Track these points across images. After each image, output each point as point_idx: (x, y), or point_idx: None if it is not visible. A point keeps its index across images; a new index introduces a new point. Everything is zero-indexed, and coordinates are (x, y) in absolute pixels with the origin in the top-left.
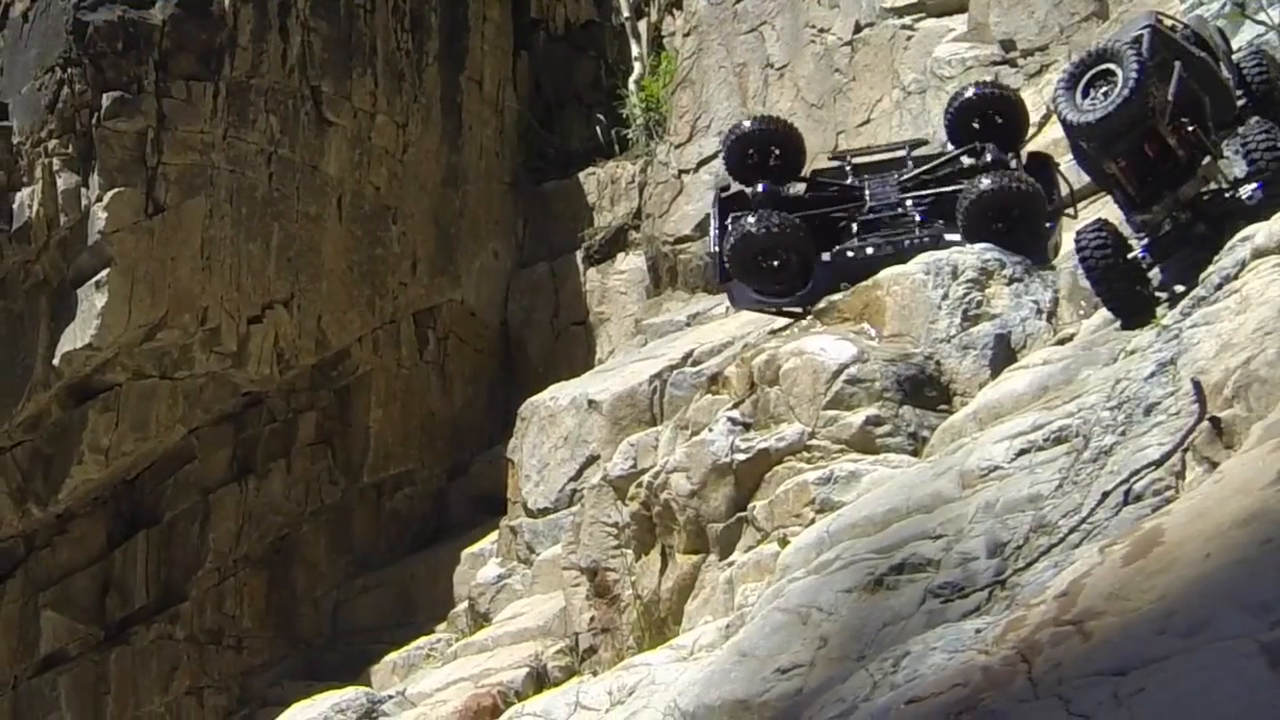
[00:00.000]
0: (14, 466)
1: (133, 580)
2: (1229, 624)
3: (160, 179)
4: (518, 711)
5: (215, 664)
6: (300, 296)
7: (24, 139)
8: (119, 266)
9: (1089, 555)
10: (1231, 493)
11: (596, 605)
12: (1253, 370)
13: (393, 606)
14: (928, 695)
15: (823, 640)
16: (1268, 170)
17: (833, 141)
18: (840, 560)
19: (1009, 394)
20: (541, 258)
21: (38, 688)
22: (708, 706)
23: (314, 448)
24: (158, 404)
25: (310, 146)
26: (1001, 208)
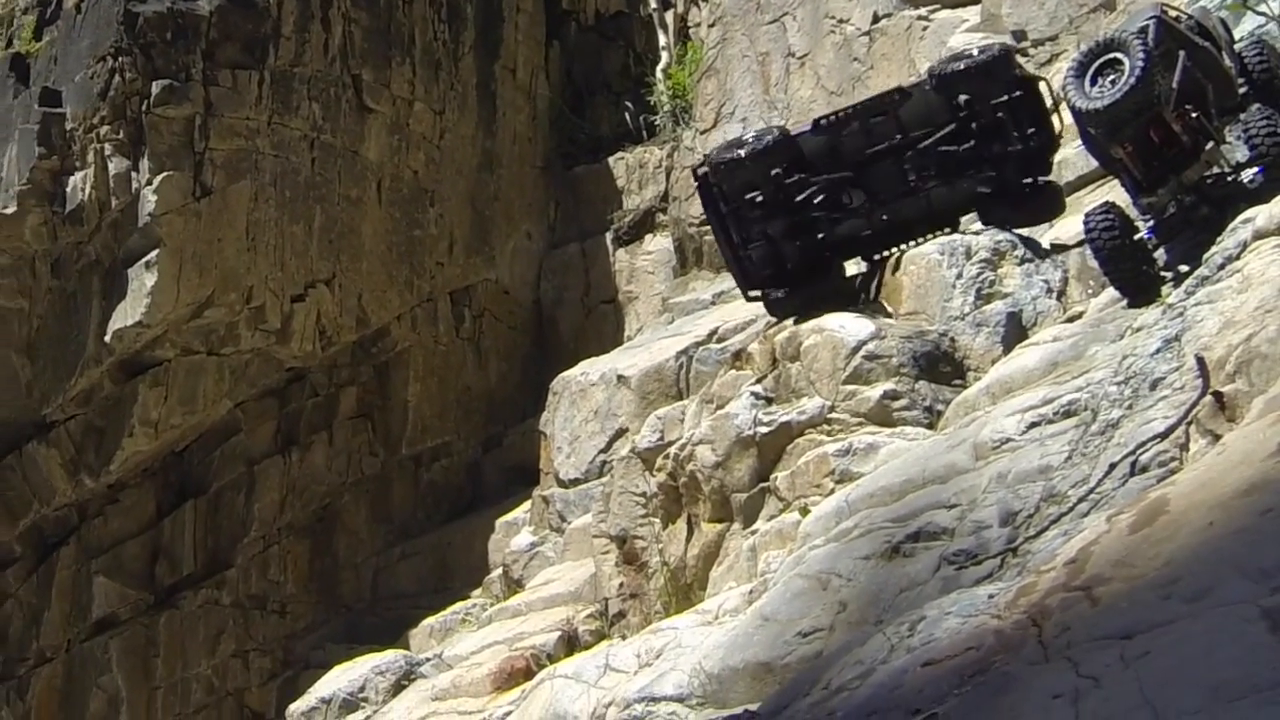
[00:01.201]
0: (67, 439)
1: (181, 548)
2: (1231, 590)
3: (207, 163)
4: (550, 673)
5: (260, 628)
6: (341, 276)
7: (77, 125)
8: (168, 247)
9: (1097, 524)
10: (1234, 464)
11: (625, 572)
12: (1254, 346)
13: (430, 573)
14: (943, 658)
15: (842, 605)
16: (1268, 155)
17: None
18: (859, 529)
19: (1020, 369)
20: (572, 239)
21: (90, 651)
22: (732, 669)
23: (355, 421)
24: (205, 379)
25: (351, 132)
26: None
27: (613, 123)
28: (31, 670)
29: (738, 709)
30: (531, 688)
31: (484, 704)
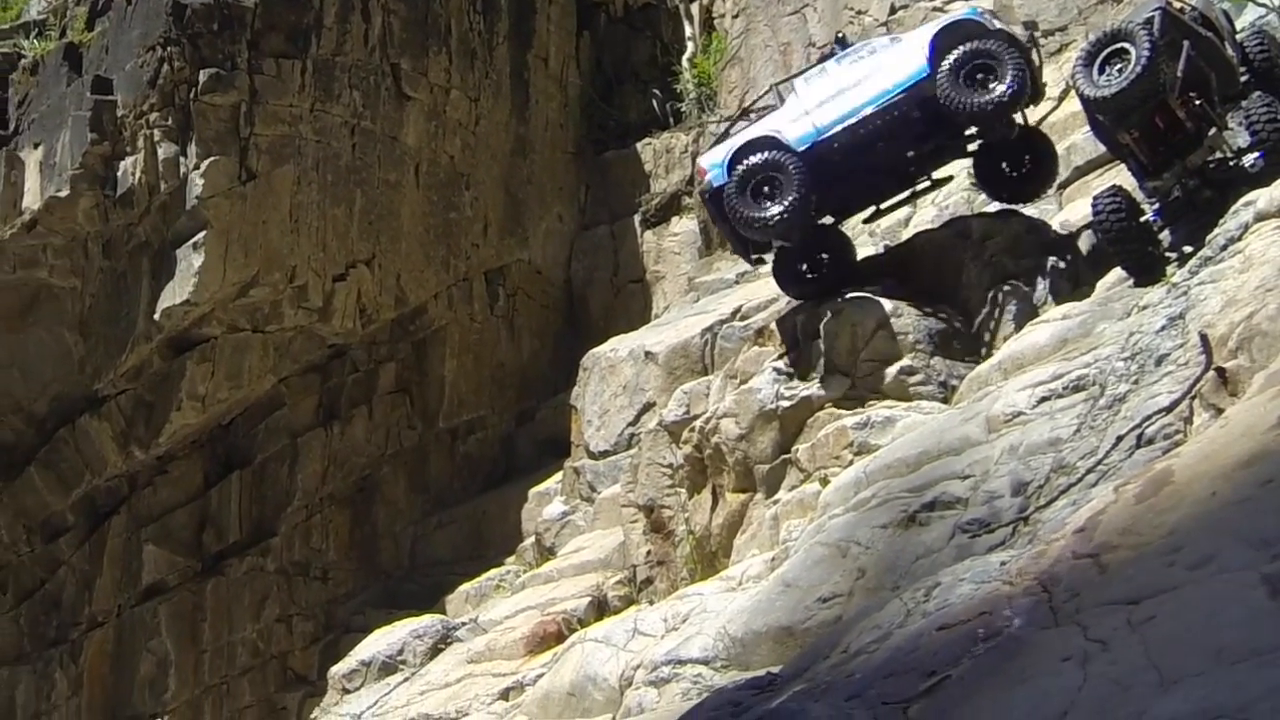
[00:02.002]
0: (118, 413)
1: (227, 517)
2: (1233, 557)
3: (252, 149)
4: (580, 637)
5: (303, 594)
6: (381, 256)
7: (127, 112)
8: (214, 229)
9: (1105, 494)
10: (1236, 437)
11: (653, 540)
12: (1255, 324)
13: (466, 541)
14: (957, 622)
15: (860, 572)
16: (1269, 140)
17: None
18: (876, 498)
19: (1031, 346)
20: (602, 221)
21: (140, 615)
22: (755, 633)
23: (393, 395)
24: (250, 355)
25: (390, 119)
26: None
27: (641, 110)
28: (84, 635)
29: (761, 671)
30: (563, 651)
31: (517, 666)
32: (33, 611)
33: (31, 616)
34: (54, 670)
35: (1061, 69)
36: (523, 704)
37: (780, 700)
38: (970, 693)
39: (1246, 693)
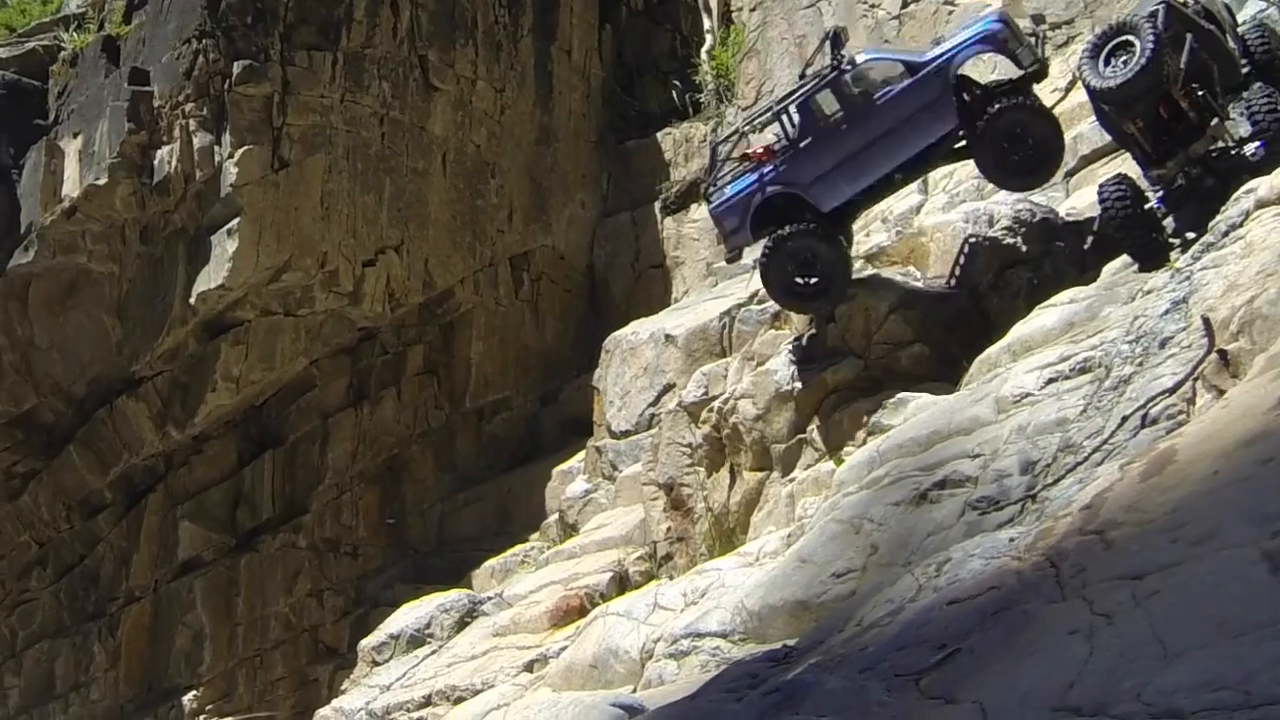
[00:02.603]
0: (155, 394)
1: (260, 495)
2: (1235, 533)
3: (285, 138)
4: (602, 611)
5: (334, 569)
6: (409, 242)
7: (164, 103)
8: (248, 216)
9: (1110, 472)
10: (1237, 417)
11: (672, 517)
12: (1256, 308)
13: (491, 518)
14: (967, 597)
15: (873, 548)
16: (1269, 130)
17: None
18: (889, 477)
19: (1039, 329)
20: (623, 208)
21: (176, 590)
22: (771, 607)
23: (421, 377)
24: (283, 338)
25: (418, 109)
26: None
27: (661, 100)
28: (121, 609)
29: (777, 644)
30: (586, 624)
31: (541, 639)
32: (72, 586)
33: (71, 591)
34: (92, 643)
35: (1068, 61)
36: (546, 676)
37: (796, 672)
38: (980, 665)
39: (1248, 665)
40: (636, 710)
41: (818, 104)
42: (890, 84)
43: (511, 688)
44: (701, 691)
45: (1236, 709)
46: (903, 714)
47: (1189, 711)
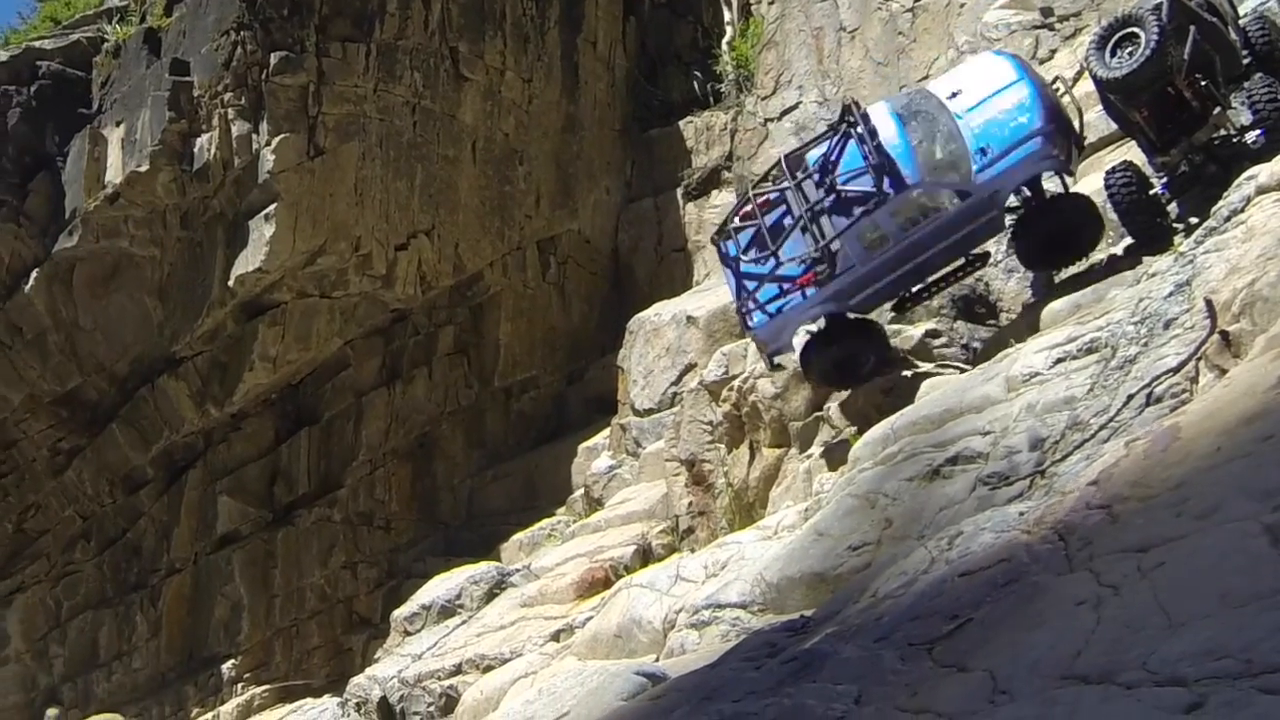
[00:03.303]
0: (195, 373)
1: (297, 470)
2: (1236, 508)
3: (320, 126)
4: (626, 582)
5: (367, 542)
6: (440, 227)
7: (203, 92)
8: (285, 201)
9: (1116, 449)
10: (1239, 395)
11: (694, 492)
12: (1257, 290)
13: (519, 493)
14: (978, 569)
15: (888, 522)
16: (1269, 118)
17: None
18: (903, 453)
19: (1048, 311)
20: (647, 194)
21: (215, 563)
22: (789, 578)
23: (452, 357)
24: (318, 319)
25: (449, 99)
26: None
27: (683, 90)
28: (163, 580)
29: (795, 615)
30: (610, 595)
31: (567, 610)
32: (115, 559)
33: (114, 563)
34: (135, 613)
35: (1076, 52)
36: (572, 645)
37: (813, 642)
38: (991, 634)
39: (1249, 634)
40: (659, 678)
41: (863, 232)
42: (939, 210)
43: (539, 657)
44: (722, 660)
45: (1239, 677)
46: (916, 682)
47: (1192, 679)
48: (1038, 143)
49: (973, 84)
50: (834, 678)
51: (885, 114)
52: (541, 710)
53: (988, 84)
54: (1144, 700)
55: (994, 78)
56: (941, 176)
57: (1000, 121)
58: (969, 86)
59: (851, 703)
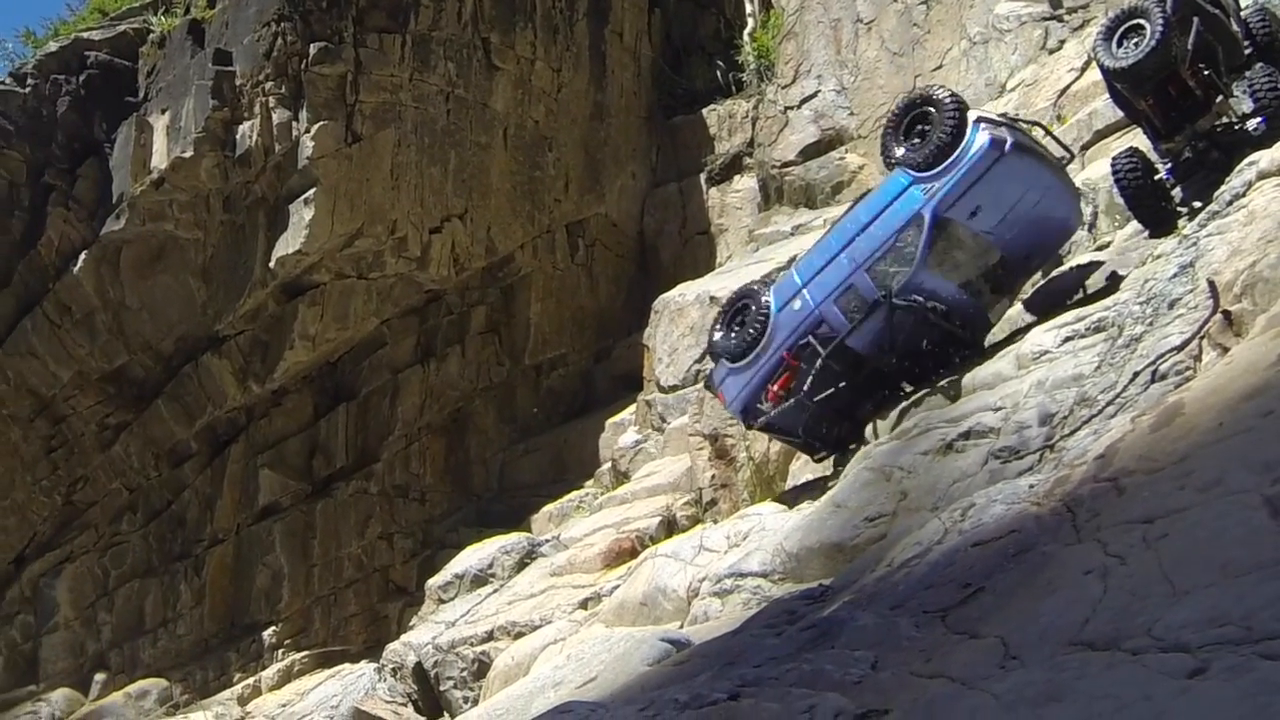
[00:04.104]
0: (237, 351)
1: (335, 444)
2: (1238, 480)
3: (357, 114)
4: (652, 553)
5: (403, 513)
6: (473, 211)
7: (245, 81)
8: (323, 186)
9: (1123, 424)
10: (1240, 373)
11: (717, 465)
12: (1258, 271)
13: (549, 466)
14: (989, 539)
15: (903, 494)
16: (1270, 107)
17: (912, 83)
18: (918, 428)
19: (1057, 291)
20: (671, 179)
21: (256, 533)
22: (808, 549)
23: (484, 336)
24: (355, 299)
25: (481, 88)
26: None
27: (706, 79)
28: (206, 550)
29: (813, 583)
30: (636, 565)
31: (595, 579)
32: (160, 530)
33: (159, 534)
34: (179, 582)
35: (1084, 42)
36: (600, 613)
37: (831, 609)
38: (1002, 602)
39: (1250, 602)
40: (683, 644)
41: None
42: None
43: (568, 624)
44: (743, 627)
45: (1240, 643)
46: (930, 648)
47: (1195, 646)
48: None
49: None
50: (851, 644)
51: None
52: (570, 675)
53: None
54: (1149, 666)
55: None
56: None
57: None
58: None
59: (868, 668)
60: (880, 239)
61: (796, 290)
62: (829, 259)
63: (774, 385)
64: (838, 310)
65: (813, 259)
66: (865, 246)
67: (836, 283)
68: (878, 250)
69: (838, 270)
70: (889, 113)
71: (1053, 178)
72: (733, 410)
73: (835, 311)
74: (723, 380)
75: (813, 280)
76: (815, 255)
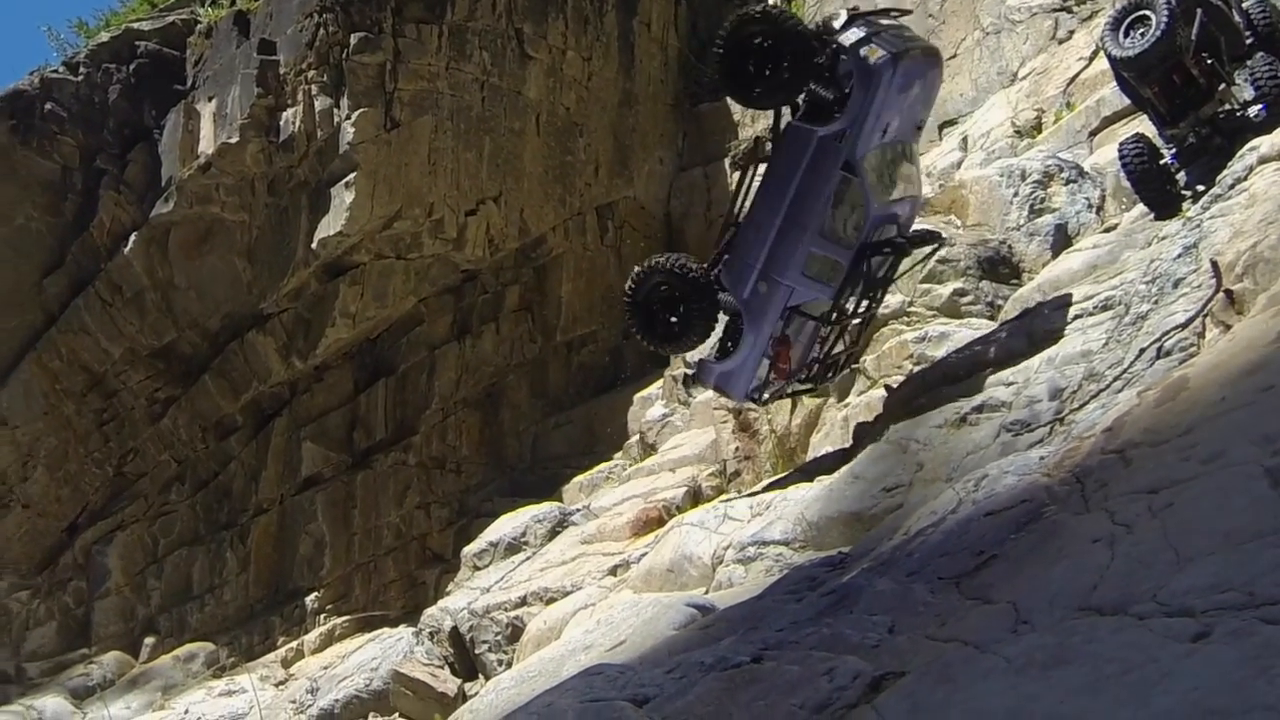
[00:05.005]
0: (281, 329)
1: (374, 418)
2: (1240, 452)
3: (396, 101)
4: (678, 521)
5: (439, 484)
6: (506, 194)
7: (288, 70)
8: (363, 170)
9: (1129, 398)
10: (1242, 349)
11: (740, 438)
12: (1259, 252)
13: (580, 439)
14: (1002, 509)
15: (919, 466)
16: (1270, 94)
17: None
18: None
19: (1066, 271)
20: (697, 163)
21: (299, 503)
22: (828, 518)
23: (517, 314)
24: (394, 279)
25: (515, 76)
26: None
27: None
28: (251, 519)
29: (833, 551)
30: (663, 533)
31: (624, 546)
32: (207, 500)
33: (206, 504)
34: (225, 550)
35: (1092, 32)
36: (628, 579)
37: (850, 576)
38: (1013, 569)
39: (1252, 569)
40: (708, 610)
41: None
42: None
43: (597, 589)
44: (766, 593)
45: (1242, 608)
46: (945, 613)
47: (1199, 610)
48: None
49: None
50: (869, 609)
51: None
52: (600, 638)
53: None
54: (1155, 630)
55: None
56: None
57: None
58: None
59: (885, 632)
60: (820, 196)
61: (754, 274)
62: (771, 234)
63: (779, 363)
64: (806, 279)
65: (749, 239)
66: (806, 209)
67: (795, 253)
68: (820, 208)
69: (789, 242)
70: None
71: (919, 53)
72: (740, 400)
73: (804, 281)
74: (717, 377)
75: (767, 259)
76: (752, 235)
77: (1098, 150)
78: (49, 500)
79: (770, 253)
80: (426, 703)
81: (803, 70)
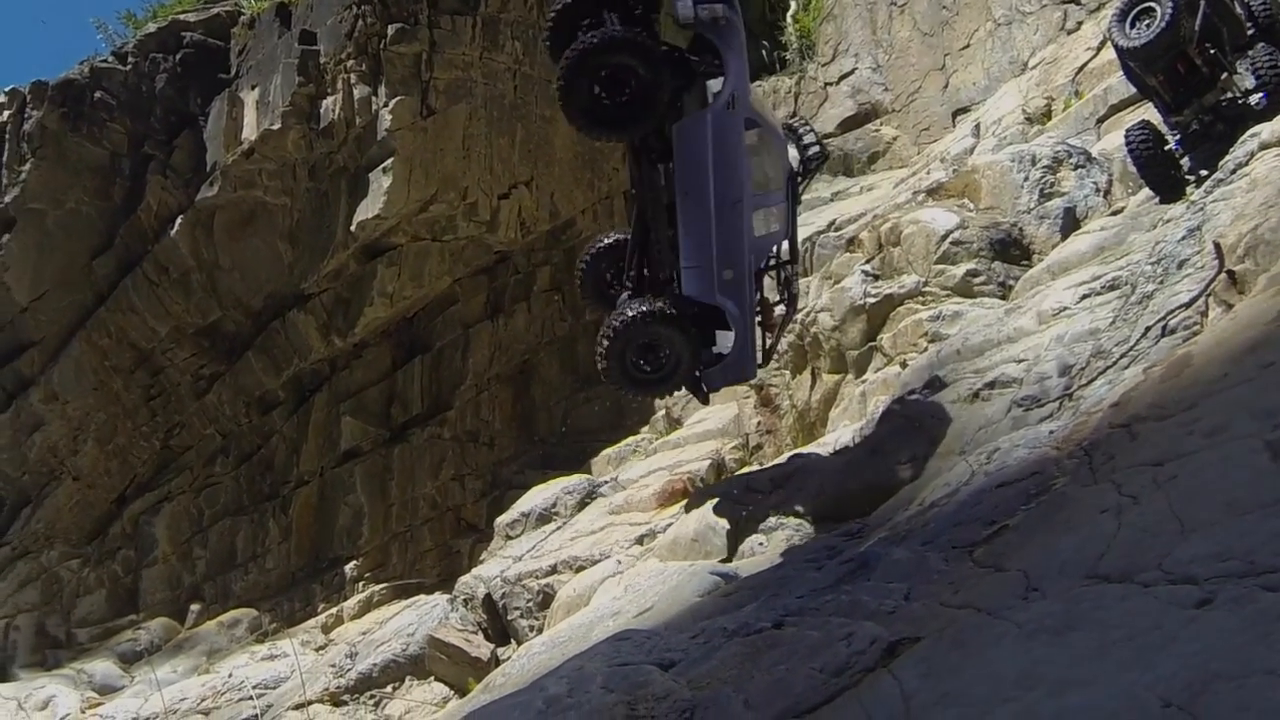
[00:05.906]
0: (321, 308)
1: (411, 394)
2: (1241, 426)
3: (432, 90)
4: (703, 492)
5: (473, 457)
6: (538, 179)
7: (328, 59)
8: (400, 156)
9: (1135, 375)
10: (1243, 327)
11: (762, 413)
12: (1260, 234)
13: (608, 413)
14: (1013, 480)
15: (933, 440)
16: (1271, 83)
17: (942, 62)
18: (947, 378)
19: (1075, 253)
20: None
21: (339, 475)
22: (847, 489)
23: (548, 293)
24: (430, 260)
25: (546, 65)
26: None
27: (752, 58)
28: (292, 491)
29: (851, 521)
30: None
31: (650, 517)
32: (250, 472)
33: (249, 476)
34: (268, 520)
35: (1100, 24)
36: (655, 548)
37: (868, 545)
38: (1024, 539)
39: (1253, 539)
40: (731, 577)
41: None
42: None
43: (625, 558)
44: (787, 561)
45: (1243, 576)
46: (958, 580)
47: (1202, 578)
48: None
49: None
50: (886, 577)
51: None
52: (628, 605)
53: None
54: (1160, 597)
55: None
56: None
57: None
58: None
59: (901, 599)
60: (738, 163)
61: (715, 270)
62: (712, 226)
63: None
64: (761, 240)
65: (694, 244)
66: (733, 182)
67: (742, 227)
68: (744, 173)
69: (733, 222)
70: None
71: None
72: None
73: (759, 244)
74: (727, 376)
75: (721, 250)
76: (694, 239)
77: (1105, 137)
78: (98, 473)
79: (720, 242)
80: (461, 667)
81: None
